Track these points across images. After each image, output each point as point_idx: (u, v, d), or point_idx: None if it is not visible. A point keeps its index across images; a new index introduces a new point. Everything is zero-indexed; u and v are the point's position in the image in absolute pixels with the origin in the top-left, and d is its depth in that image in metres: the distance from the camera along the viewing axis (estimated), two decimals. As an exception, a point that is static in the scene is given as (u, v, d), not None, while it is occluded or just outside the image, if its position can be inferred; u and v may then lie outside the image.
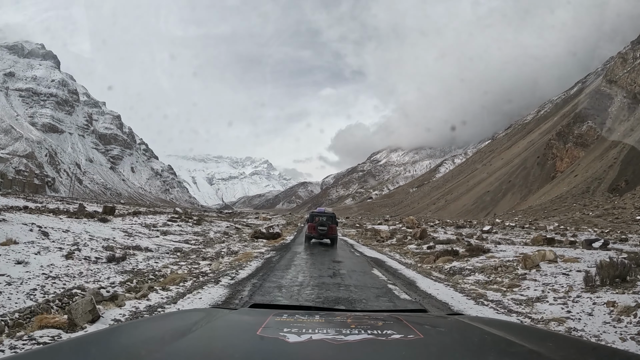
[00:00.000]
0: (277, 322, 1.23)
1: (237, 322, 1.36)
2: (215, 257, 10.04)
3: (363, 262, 10.79)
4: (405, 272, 8.99)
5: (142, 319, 2.04)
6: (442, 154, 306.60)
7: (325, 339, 1.02)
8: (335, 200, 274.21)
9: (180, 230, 15.95)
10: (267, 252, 11.96)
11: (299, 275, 7.79)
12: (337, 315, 1.46)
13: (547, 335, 1.38)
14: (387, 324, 1.21)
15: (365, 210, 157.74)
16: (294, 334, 1.04)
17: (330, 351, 0.95)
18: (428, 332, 1.21)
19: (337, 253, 13.04)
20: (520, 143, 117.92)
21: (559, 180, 68.08)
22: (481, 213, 70.58)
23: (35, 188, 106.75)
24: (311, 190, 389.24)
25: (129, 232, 12.41)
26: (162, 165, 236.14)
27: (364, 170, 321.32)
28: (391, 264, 10.38)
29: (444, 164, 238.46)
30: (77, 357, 0.93)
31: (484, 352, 1.08)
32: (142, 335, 1.16)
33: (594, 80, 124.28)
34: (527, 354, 0.99)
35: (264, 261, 9.75)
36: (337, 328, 1.14)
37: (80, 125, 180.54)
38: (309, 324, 1.19)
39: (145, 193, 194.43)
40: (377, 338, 1.04)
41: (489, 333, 1.19)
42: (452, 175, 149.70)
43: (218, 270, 7.79)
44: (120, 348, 1.01)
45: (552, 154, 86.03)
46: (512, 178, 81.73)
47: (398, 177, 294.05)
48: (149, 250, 9.87)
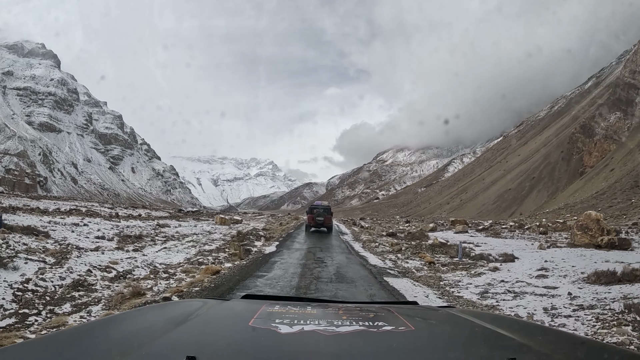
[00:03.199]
0: (269, 313, 1.22)
1: (229, 312, 1.36)
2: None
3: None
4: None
5: (134, 310, 1.85)
6: (449, 154, 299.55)
7: (317, 330, 1.02)
8: (341, 201, 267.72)
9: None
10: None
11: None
12: (329, 307, 1.46)
13: (537, 329, 1.38)
14: (378, 316, 1.22)
15: (372, 211, 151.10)
16: (285, 325, 1.04)
17: (321, 342, 0.95)
18: (419, 324, 1.21)
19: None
20: (537, 139, 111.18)
21: (591, 175, 61.07)
22: (504, 212, 63.74)
23: (26, 187, 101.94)
24: (316, 191, 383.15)
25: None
26: (164, 166, 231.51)
27: (370, 171, 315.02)
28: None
29: (452, 163, 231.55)
30: (70, 347, 0.93)
31: (474, 344, 1.08)
32: (134, 326, 1.15)
33: (609, 74, 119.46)
34: (517, 347, 0.99)
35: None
36: (329, 319, 1.15)
37: (80, 124, 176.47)
38: (300, 315, 1.19)
39: (145, 194, 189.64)
40: (369, 329, 1.04)
41: (479, 326, 1.20)
42: (464, 174, 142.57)
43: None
44: (112, 339, 1.00)
45: (577, 148, 79.13)
46: (535, 174, 74.79)
47: (405, 177, 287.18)
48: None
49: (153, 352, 0.85)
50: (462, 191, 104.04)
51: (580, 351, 1.02)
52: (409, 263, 10.10)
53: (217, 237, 14.63)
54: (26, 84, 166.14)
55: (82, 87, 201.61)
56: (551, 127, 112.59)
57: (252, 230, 17.66)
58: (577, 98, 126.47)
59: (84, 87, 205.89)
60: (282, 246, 13.34)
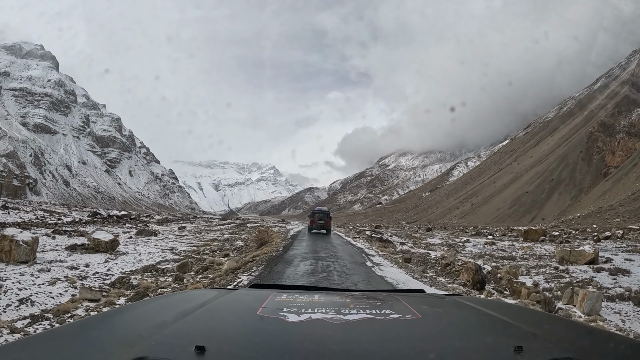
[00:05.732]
0: (276, 302, 1.23)
1: (237, 302, 1.37)
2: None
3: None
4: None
5: (142, 300, 1.96)
6: (452, 158, 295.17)
7: (325, 318, 1.02)
8: (343, 206, 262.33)
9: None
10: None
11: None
12: (336, 295, 1.46)
13: (543, 317, 1.40)
14: (385, 304, 1.22)
15: (376, 216, 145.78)
16: (293, 314, 1.04)
17: (329, 330, 0.95)
18: (426, 312, 1.21)
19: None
20: (549, 140, 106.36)
21: (619, 175, 55.86)
22: (524, 217, 58.45)
23: (15, 190, 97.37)
24: (318, 196, 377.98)
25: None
26: (162, 170, 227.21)
27: (372, 175, 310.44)
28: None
29: (456, 167, 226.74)
30: (79, 340, 0.93)
31: (481, 332, 1.08)
32: (142, 317, 1.15)
33: (620, 73, 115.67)
34: (523, 335, 0.99)
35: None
36: (336, 308, 1.15)
37: (76, 126, 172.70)
38: (308, 304, 1.19)
39: (143, 197, 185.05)
40: (376, 317, 1.05)
41: (486, 314, 1.20)
42: (471, 178, 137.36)
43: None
44: (121, 330, 1.01)
45: (597, 147, 73.98)
46: (554, 176, 69.60)
47: (408, 182, 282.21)
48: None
49: (162, 342, 0.85)
50: (472, 195, 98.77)
51: (586, 339, 1.02)
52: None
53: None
54: (22, 84, 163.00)
55: (80, 89, 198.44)
56: (563, 128, 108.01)
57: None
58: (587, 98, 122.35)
59: (83, 89, 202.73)
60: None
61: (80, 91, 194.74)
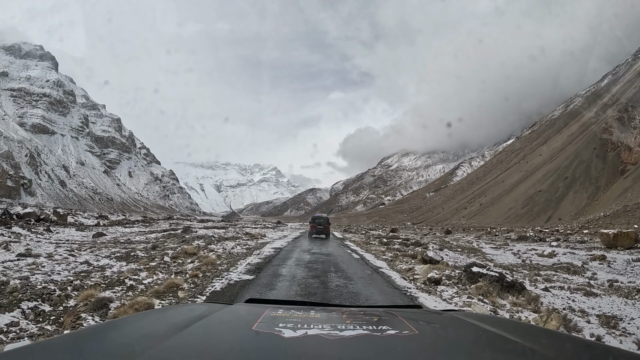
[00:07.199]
0: (272, 317, 1.21)
1: (232, 317, 1.34)
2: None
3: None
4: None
5: (137, 314, 1.93)
6: (455, 158, 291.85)
7: (321, 334, 1.01)
8: (345, 207, 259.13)
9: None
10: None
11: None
12: (333, 311, 1.44)
13: (541, 333, 1.38)
14: (382, 320, 1.20)
15: (379, 217, 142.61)
16: (289, 329, 1.03)
17: (325, 346, 0.94)
18: (423, 328, 1.19)
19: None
20: (557, 137, 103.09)
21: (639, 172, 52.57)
22: (539, 217, 55.23)
23: (8, 190, 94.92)
24: (320, 197, 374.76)
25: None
26: (162, 170, 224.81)
27: (375, 176, 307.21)
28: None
29: (460, 167, 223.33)
30: (71, 353, 0.90)
31: (478, 348, 1.07)
32: (136, 330, 1.13)
33: (626, 70, 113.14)
34: (521, 351, 0.98)
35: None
36: (333, 323, 1.13)
37: (75, 127, 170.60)
38: (304, 319, 1.18)
39: (142, 199, 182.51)
40: (373, 333, 1.03)
41: (483, 330, 1.18)
42: (477, 177, 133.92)
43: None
44: (114, 344, 0.99)
45: (611, 143, 70.71)
46: (568, 174, 66.32)
47: (411, 182, 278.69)
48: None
49: (157, 357, 0.84)
50: (480, 195, 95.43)
51: (584, 354, 1.01)
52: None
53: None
54: (21, 84, 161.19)
55: (80, 89, 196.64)
56: (572, 125, 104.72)
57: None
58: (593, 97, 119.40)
59: (82, 89, 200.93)
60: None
61: (79, 91, 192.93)
